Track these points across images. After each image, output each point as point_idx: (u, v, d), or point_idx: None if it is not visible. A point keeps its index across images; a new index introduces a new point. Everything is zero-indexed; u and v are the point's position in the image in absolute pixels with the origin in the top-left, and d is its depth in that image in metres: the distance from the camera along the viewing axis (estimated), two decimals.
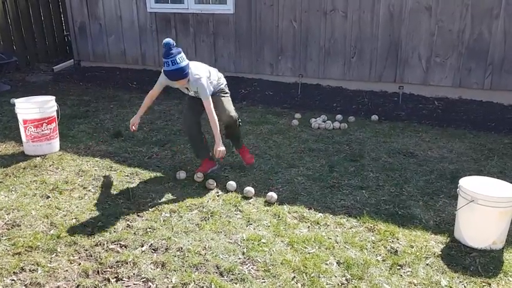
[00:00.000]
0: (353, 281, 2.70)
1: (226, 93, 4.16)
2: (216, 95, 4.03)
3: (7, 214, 3.41)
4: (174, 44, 3.71)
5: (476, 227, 3.02)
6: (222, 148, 3.83)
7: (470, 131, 5.43)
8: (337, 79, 6.86)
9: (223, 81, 4.18)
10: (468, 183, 3.10)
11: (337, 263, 2.86)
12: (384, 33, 6.44)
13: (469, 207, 3.01)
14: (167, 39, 3.69)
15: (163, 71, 3.78)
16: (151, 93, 4.10)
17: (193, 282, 2.65)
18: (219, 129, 3.84)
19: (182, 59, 3.70)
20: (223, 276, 2.72)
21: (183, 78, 3.74)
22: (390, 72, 6.55)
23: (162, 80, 3.96)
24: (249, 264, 2.84)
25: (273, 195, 3.65)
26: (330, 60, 6.84)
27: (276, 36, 7.09)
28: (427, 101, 6.32)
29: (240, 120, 4.14)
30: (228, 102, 4.10)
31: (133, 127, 4.11)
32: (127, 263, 2.83)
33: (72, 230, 3.19)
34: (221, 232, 3.20)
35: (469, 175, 3.43)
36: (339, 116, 5.83)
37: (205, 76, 3.84)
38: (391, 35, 6.41)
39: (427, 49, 6.27)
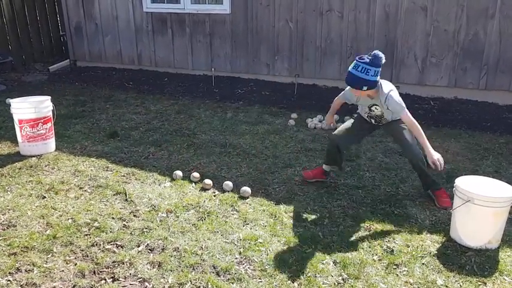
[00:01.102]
0: (349, 280, 2.71)
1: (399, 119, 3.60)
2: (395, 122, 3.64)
3: (3, 214, 3.40)
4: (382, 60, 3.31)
5: (472, 227, 3.03)
6: (437, 155, 3.36)
7: (466, 130, 5.45)
8: (333, 79, 6.87)
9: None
10: (464, 183, 3.11)
11: (333, 262, 2.87)
12: (379, 33, 6.46)
13: (465, 207, 3.02)
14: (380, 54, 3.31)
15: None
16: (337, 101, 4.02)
17: (189, 282, 2.65)
18: (424, 136, 3.44)
19: (375, 74, 3.31)
20: (220, 276, 2.72)
21: (360, 87, 3.35)
22: (386, 72, 6.55)
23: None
24: (245, 264, 2.84)
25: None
26: (326, 60, 6.86)
27: (272, 36, 7.10)
28: (423, 100, 6.34)
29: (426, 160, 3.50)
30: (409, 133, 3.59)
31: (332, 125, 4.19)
32: (123, 263, 2.83)
33: (68, 230, 3.18)
34: (218, 232, 3.20)
35: (464, 175, 3.45)
36: (335, 116, 5.83)
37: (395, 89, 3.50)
38: (387, 35, 6.43)
39: (423, 49, 6.29)
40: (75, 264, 2.82)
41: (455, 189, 3.12)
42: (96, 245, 3.03)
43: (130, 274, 2.73)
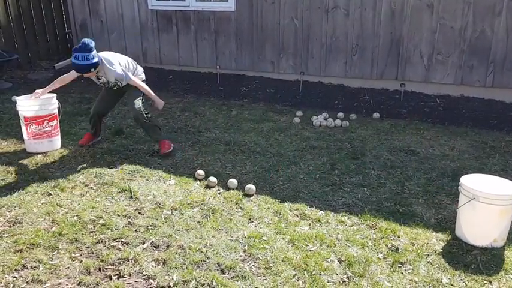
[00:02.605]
0: (354, 278, 2.70)
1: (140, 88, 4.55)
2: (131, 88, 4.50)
3: (9, 211, 3.42)
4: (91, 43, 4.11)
5: (478, 225, 3.02)
6: (161, 101, 4.64)
7: (472, 128, 5.42)
8: (338, 77, 6.85)
9: (141, 69, 4.74)
10: (469, 181, 3.09)
11: (338, 260, 2.86)
12: (385, 31, 6.43)
13: (470, 205, 3.00)
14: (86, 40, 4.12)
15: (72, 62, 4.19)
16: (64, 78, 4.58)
17: (194, 280, 2.66)
18: (150, 91, 4.56)
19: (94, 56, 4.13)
20: (224, 274, 2.72)
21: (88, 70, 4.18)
22: (392, 70, 6.54)
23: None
24: (250, 262, 2.84)
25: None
26: (331, 57, 6.83)
27: (277, 34, 7.08)
28: (429, 98, 6.30)
29: (147, 113, 4.51)
30: (136, 96, 4.52)
31: (36, 95, 4.53)
32: (128, 261, 2.83)
33: (74, 228, 3.19)
34: (222, 230, 3.20)
35: (470, 173, 3.43)
36: (340, 114, 5.82)
37: (118, 65, 4.32)
38: (393, 33, 6.39)
39: (429, 47, 6.25)
40: (81, 261, 2.83)
41: (461, 187, 3.11)
42: (102, 242, 3.04)
43: (135, 271, 2.74)
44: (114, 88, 4.48)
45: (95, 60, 4.13)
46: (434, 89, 6.39)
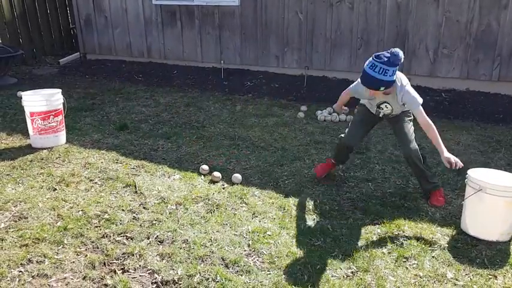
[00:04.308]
0: (358, 273, 2.70)
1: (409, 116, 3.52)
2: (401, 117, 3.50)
3: (14, 206, 3.44)
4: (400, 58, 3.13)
5: (483, 218, 3.00)
6: (452, 157, 3.16)
7: (478, 123, 5.38)
8: (343, 71, 6.82)
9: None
10: (476, 173, 3.09)
11: (342, 255, 2.86)
12: (390, 25, 6.39)
13: (476, 197, 2.99)
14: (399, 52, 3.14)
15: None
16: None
17: (199, 274, 2.66)
18: (439, 138, 3.23)
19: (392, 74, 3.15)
20: (228, 268, 2.73)
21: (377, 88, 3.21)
22: None
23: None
24: (254, 256, 2.84)
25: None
26: (336, 52, 6.80)
27: (281, 28, 7.06)
28: (434, 92, 6.27)
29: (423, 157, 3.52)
30: (410, 129, 3.50)
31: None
32: (133, 255, 2.84)
33: (79, 222, 3.21)
34: (227, 224, 3.20)
35: (476, 167, 3.40)
36: (345, 108, 5.79)
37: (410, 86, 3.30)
38: (398, 26, 6.35)
39: (435, 40, 6.21)
40: (86, 256, 2.84)
41: (467, 179, 3.10)
42: (106, 236, 3.05)
43: (140, 266, 2.75)
44: (380, 115, 3.57)
45: (392, 79, 3.16)
46: (439, 83, 6.35)
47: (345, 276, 2.67)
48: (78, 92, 6.83)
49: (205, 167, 4.03)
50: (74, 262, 2.79)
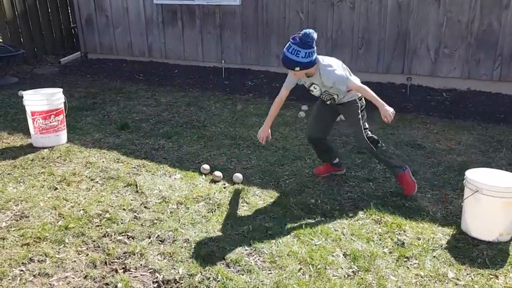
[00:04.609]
0: (359, 272, 2.70)
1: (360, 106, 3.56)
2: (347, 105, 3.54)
3: (15, 205, 3.44)
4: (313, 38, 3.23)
5: (482, 218, 3.00)
6: (390, 109, 3.34)
7: (479, 122, 5.38)
8: None
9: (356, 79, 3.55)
10: (473, 174, 3.08)
11: (343, 254, 2.86)
12: (391, 24, 6.38)
13: (474, 198, 2.99)
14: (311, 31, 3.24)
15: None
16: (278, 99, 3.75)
17: (200, 273, 2.66)
18: (375, 96, 3.37)
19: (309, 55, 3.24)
20: (229, 268, 2.73)
21: (295, 68, 3.31)
22: (398, 64, 6.50)
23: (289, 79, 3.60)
24: (255, 256, 2.84)
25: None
26: (337, 51, 6.79)
27: (282, 28, 7.06)
28: (435, 92, 6.26)
29: (377, 140, 3.61)
30: (356, 122, 3.55)
31: (263, 141, 3.70)
32: (134, 254, 2.85)
33: (80, 221, 3.21)
34: (228, 224, 3.20)
35: (477, 167, 3.40)
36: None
37: (340, 68, 3.40)
38: (399, 26, 6.35)
39: (436, 40, 6.20)
40: (87, 255, 2.85)
41: (465, 180, 3.10)
42: (108, 236, 3.05)
43: (141, 265, 2.75)
44: (328, 103, 3.63)
45: (306, 60, 3.25)
46: (440, 83, 6.35)
47: (346, 276, 2.67)
48: (79, 91, 6.83)
49: (206, 166, 4.03)
50: (75, 261, 2.79)
